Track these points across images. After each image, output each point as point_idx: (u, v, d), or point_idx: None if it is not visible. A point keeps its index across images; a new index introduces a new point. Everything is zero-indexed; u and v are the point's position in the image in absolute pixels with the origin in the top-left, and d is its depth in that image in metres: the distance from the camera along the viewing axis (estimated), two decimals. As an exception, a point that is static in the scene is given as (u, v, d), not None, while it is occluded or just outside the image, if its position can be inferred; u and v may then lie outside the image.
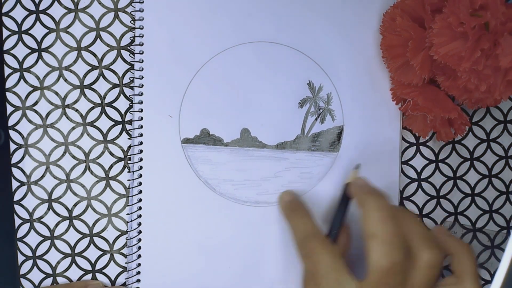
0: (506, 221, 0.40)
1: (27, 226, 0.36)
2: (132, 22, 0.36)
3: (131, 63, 0.37)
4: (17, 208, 0.36)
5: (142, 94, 0.36)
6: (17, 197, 0.36)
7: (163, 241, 0.37)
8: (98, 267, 0.37)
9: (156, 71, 0.36)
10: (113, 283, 0.37)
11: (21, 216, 0.36)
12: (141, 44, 0.36)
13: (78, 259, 0.37)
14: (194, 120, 0.37)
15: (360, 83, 0.38)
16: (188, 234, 0.37)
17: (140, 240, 0.36)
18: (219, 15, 0.37)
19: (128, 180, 0.37)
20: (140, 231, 0.37)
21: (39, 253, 0.37)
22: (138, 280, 0.37)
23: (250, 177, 0.37)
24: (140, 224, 0.36)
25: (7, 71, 0.36)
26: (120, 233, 0.37)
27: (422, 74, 0.34)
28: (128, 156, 0.37)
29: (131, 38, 0.36)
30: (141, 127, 0.36)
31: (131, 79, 0.37)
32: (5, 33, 0.36)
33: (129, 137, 0.37)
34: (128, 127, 0.37)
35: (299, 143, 0.38)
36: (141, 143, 0.36)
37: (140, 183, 0.36)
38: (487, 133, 0.40)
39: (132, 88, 0.37)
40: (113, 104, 0.37)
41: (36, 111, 0.36)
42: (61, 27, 0.36)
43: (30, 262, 0.37)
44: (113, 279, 0.37)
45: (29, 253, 0.37)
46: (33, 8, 0.36)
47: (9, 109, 0.36)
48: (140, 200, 0.36)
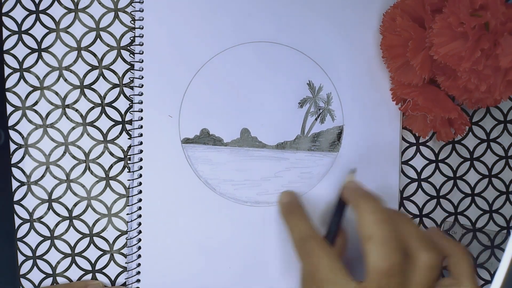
0: (506, 221, 0.40)
1: (27, 226, 0.36)
2: (132, 22, 0.36)
3: (131, 63, 0.37)
4: (17, 208, 0.36)
5: (142, 94, 0.36)
6: (17, 197, 0.36)
7: (163, 241, 0.37)
8: (98, 267, 0.37)
9: (156, 71, 0.36)
10: (113, 283, 0.37)
11: (21, 216, 0.36)
12: (141, 44, 0.36)
13: (78, 259, 0.37)
14: (194, 120, 0.37)
15: (360, 83, 0.38)
16: (188, 234, 0.37)
17: (140, 240, 0.37)
18: (219, 15, 0.37)
19: (128, 180, 0.37)
20: (140, 231, 0.37)
21: (39, 253, 0.37)
22: (138, 280, 0.37)
23: (250, 177, 0.37)
24: (140, 224, 0.36)
25: (7, 71, 0.36)
26: (120, 233, 0.37)
27: (422, 74, 0.34)
28: (128, 156, 0.37)
29: (131, 38, 0.36)
30: (141, 127, 0.36)
31: (131, 79, 0.37)
32: (5, 33, 0.36)
33: (129, 137, 0.37)
34: (128, 127, 0.37)
35: (299, 143, 0.38)
36: (141, 143, 0.36)
37: (140, 183, 0.36)
38: (487, 133, 0.40)
39: (132, 88, 0.37)
40: (113, 104, 0.37)
41: (36, 111, 0.36)
42: (61, 27, 0.36)
43: (30, 262, 0.37)
44: (113, 279, 0.37)
45: (29, 253, 0.37)
46: (33, 8, 0.36)
47: (9, 109, 0.36)
48: (140, 200, 0.36)
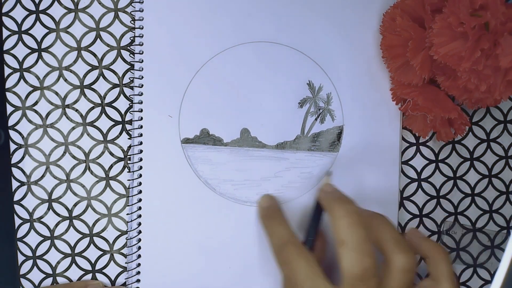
0: (506, 221, 0.40)
1: (27, 226, 0.36)
2: (132, 22, 0.36)
3: (131, 63, 0.37)
4: (17, 208, 0.36)
5: (142, 94, 0.36)
6: (17, 197, 0.36)
7: (163, 241, 0.37)
8: (98, 267, 0.37)
9: (156, 71, 0.36)
10: (113, 283, 0.37)
11: (21, 216, 0.36)
12: (141, 44, 0.36)
13: (78, 259, 0.37)
14: (194, 120, 0.37)
15: (360, 83, 0.38)
16: (188, 234, 0.37)
17: (140, 240, 0.36)
18: (219, 15, 0.37)
19: (128, 180, 0.37)
20: (140, 231, 0.37)
21: (39, 253, 0.37)
22: (138, 280, 0.37)
23: (250, 177, 0.37)
24: (140, 224, 0.36)
25: (7, 71, 0.36)
26: (120, 233, 0.37)
27: (422, 74, 0.34)
28: (128, 156, 0.37)
29: (131, 38, 0.36)
30: (141, 127, 0.36)
31: (131, 79, 0.37)
32: (5, 33, 0.36)
33: (129, 137, 0.37)
34: (128, 127, 0.37)
35: (299, 143, 0.38)
36: (141, 143, 0.36)
37: (140, 183, 0.36)
38: (487, 133, 0.40)
39: (132, 88, 0.37)
40: (113, 104, 0.37)
41: (36, 111, 0.36)
42: (61, 27, 0.36)
43: (30, 262, 0.37)
44: (113, 279, 0.37)
45: (29, 253, 0.37)
46: (33, 8, 0.36)
47: (9, 109, 0.36)
48: (140, 200, 0.36)
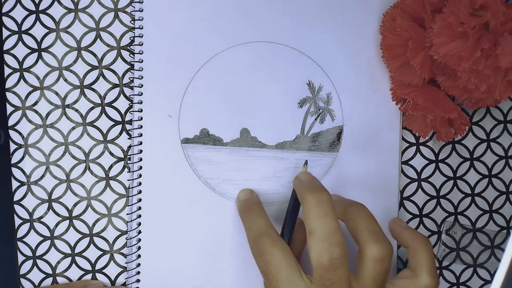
0: (506, 221, 0.40)
1: (27, 226, 0.36)
2: (132, 22, 0.36)
3: (131, 63, 0.37)
4: (17, 208, 0.36)
5: (142, 94, 0.36)
6: (17, 197, 0.36)
7: (163, 241, 0.37)
8: (98, 267, 0.37)
9: (156, 71, 0.36)
10: (113, 283, 0.37)
11: (21, 216, 0.36)
12: (141, 44, 0.36)
13: (78, 259, 0.37)
14: (194, 120, 0.37)
15: (360, 83, 0.38)
16: (188, 234, 0.37)
17: (140, 240, 0.37)
18: (219, 15, 0.37)
19: (128, 180, 0.37)
20: (140, 231, 0.37)
21: (39, 253, 0.37)
22: (138, 280, 0.37)
23: (250, 177, 0.37)
24: (140, 224, 0.36)
25: (7, 71, 0.36)
26: (120, 233, 0.37)
27: (422, 74, 0.34)
28: (128, 156, 0.37)
29: (131, 38, 0.36)
30: (141, 127, 0.36)
31: (131, 79, 0.37)
32: (5, 33, 0.36)
33: (129, 137, 0.37)
34: (128, 127, 0.37)
35: (298, 143, 0.38)
36: (141, 143, 0.36)
37: (140, 183, 0.36)
38: (487, 133, 0.40)
39: (132, 88, 0.37)
40: (113, 104, 0.37)
41: (36, 111, 0.36)
42: (61, 27, 0.36)
43: (30, 262, 0.37)
44: (113, 279, 0.37)
45: (29, 253, 0.37)
46: (33, 8, 0.36)
47: (9, 109, 0.36)
48: (140, 200, 0.36)
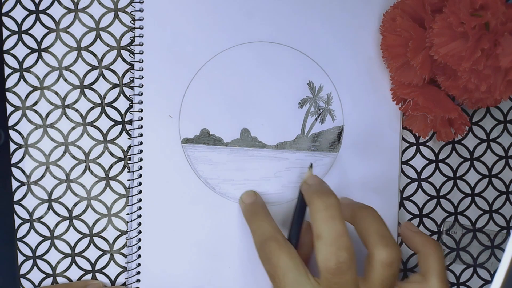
0: (506, 221, 0.40)
1: (27, 226, 0.36)
2: (132, 22, 0.36)
3: (131, 63, 0.37)
4: (17, 208, 0.36)
5: (142, 94, 0.36)
6: (17, 197, 0.36)
7: (163, 241, 0.37)
8: (98, 267, 0.37)
9: (156, 71, 0.36)
10: (113, 283, 0.37)
11: (21, 216, 0.36)
12: (141, 44, 0.36)
13: (78, 259, 0.37)
14: (194, 120, 0.37)
15: (360, 83, 0.38)
16: (188, 234, 0.37)
17: (140, 240, 0.36)
18: (219, 15, 0.37)
19: (128, 180, 0.37)
20: (140, 231, 0.37)
21: (39, 253, 0.37)
22: (138, 280, 0.37)
23: (250, 177, 0.37)
24: (140, 224, 0.36)
25: (7, 71, 0.36)
26: (120, 233, 0.37)
27: (422, 74, 0.34)
28: (128, 156, 0.37)
29: (131, 38, 0.36)
30: (141, 127, 0.36)
31: (131, 79, 0.37)
32: (5, 33, 0.36)
33: (129, 137, 0.37)
34: (128, 127, 0.37)
35: (299, 143, 0.38)
36: (141, 143, 0.36)
37: (140, 183, 0.36)
38: (487, 133, 0.40)
39: (132, 88, 0.37)
40: (113, 104, 0.37)
41: (36, 111, 0.36)
42: (61, 27, 0.36)
43: (30, 262, 0.37)
44: (113, 279, 0.37)
45: (29, 253, 0.37)
46: (33, 8, 0.36)
47: (9, 109, 0.36)
48: (140, 200, 0.36)
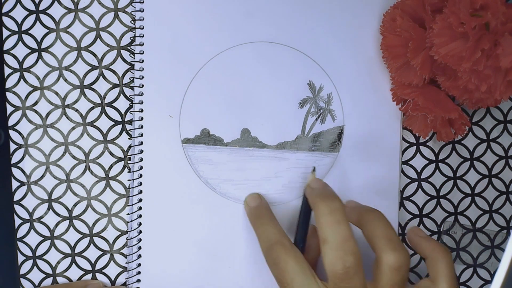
0: (506, 221, 0.40)
1: (27, 226, 0.36)
2: (132, 22, 0.36)
3: (131, 63, 0.37)
4: (17, 208, 0.36)
5: (142, 94, 0.36)
6: (17, 197, 0.36)
7: (163, 241, 0.37)
8: (98, 267, 0.37)
9: (156, 71, 0.36)
10: (113, 283, 0.37)
11: (21, 216, 0.36)
12: (141, 44, 0.36)
13: (78, 259, 0.37)
14: (195, 120, 0.37)
15: (360, 83, 0.38)
16: (188, 234, 0.37)
17: (140, 240, 0.36)
18: (219, 15, 0.37)
19: (128, 180, 0.37)
20: (140, 231, 0.37)
21: (39, 253, 0.37)
22: (138, 280, 0.37)
23: (250, 177, 0.37)
24: (140, 224, 0.36)
25: (7, 71, 0.36)
26: (120, 233, 0.37)
27: (422, 74, 0.34)
28: (128, 156, 0.37)
29: (131, 38, 0.36)
30: (141, 127, 0.36)
31: (131, 79, 0.37)
32: (5, 33, 0.36)
33: (129, 137, 0.37)
34: (128, 127, 0.37)
35: (299, 143, 0.38)
36: (141, 143, 0.36)
37: (140, 183, 0.36)
38: (487, 133, 0.40)
39: (132, 88, 0.37)
40: (113, 104, 0.37)
41: (36, 111, 0.36)
42: (61, 27, 0.36)
43: (30, 262, 0.37)
44: (113, 279, 0.37)
45: (29, 253, 0.37)
46: (33, 8, 0.36)
47: (9, 109, 0.36)
48: (140, 200, 0.36)
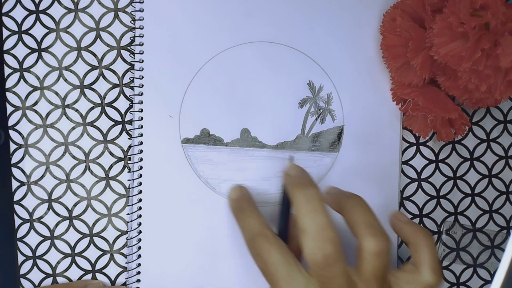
0: (506, 221, 0.40)
1: (27, 226, 0.36)
2: (132, 22, 0.36)
3: (131, 63, 0.37)
4: (17, 208, 0.36)
5: (142, 94, 0.36)
6: (17, 197, 0.36)
7: (163, 241, 0.37)
8: (98, 267, 0.37)
9: (156, 71, 0.36)
10: (113, 283, 0.37)
11: (21, 216, 0.36)
12: (141, 44, 0.36)
13: (78, 259, 0.37)
14: (194, 120, 0.37)
15: (360, 83, 0.38)
16: (188, 234, 0.37)
17: (140, 240, 0.36)
18: (219, 15, 0.37)
19: (128, 180, 0.37)
20: (140, 231, 0.37)
21: (39, 253, 0.37)
22: (138, 280, 0.37)
23: (250, 177, 0.37)
24: (140, 224, 0.36)
25: (7, 71, 0.36)
26: (120, 233, 0.37)
27: (422, 74, 0.34)
28: (128, 156, 0.37)
29: (131, 38, 0.36)
30: (141, 127, 0.36)
31: (131, 79, 0.37)
32: (5, 33, 0.36)
33: (129, 137, 0.37)
34: (128, 127, 0.37)
35: (299, 143, 0.38)
36: (141, 143, 0.36)
37: (140, 183, 0.36)
38: (487, 133, 0.40)
39: (132, 88, 0.37)
40: (113, 104, 0.37)
41: (36, 111, 0.36)
42: (61, 27, 0.36)
43: (30, 262, 0.37)
44: (113, 279, 0.37)
45: (29, 253, 0.37)
46: (33, 8, 0.36)
47: (9, 109, 0.36)
48: (140, 200, 0.36)
